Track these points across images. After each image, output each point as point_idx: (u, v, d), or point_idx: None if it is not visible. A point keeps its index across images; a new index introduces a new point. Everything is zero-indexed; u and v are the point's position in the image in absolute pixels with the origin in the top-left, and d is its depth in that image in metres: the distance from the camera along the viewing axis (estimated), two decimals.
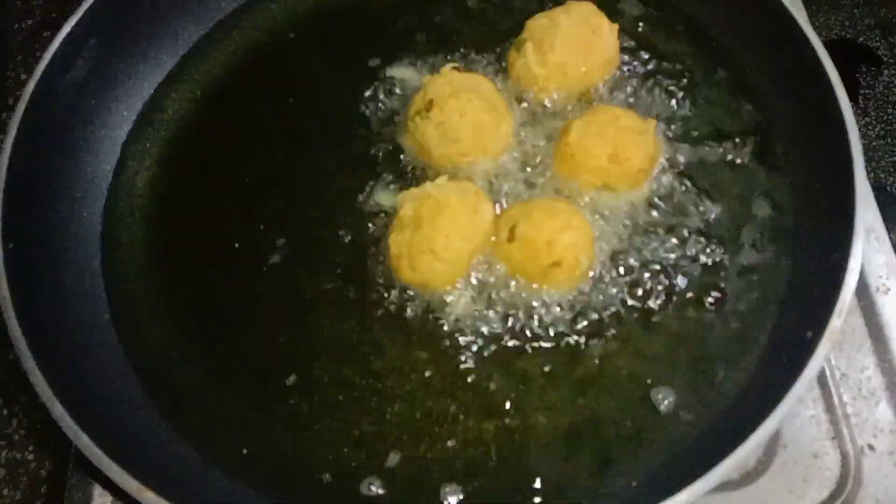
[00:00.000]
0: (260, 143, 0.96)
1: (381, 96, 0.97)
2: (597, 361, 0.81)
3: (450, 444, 0.78)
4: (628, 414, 0.79)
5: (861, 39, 1.17)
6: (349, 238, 0.88)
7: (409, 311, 0.84)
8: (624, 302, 0.83)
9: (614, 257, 0.85)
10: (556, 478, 0.76)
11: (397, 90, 0.98)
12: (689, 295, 0.83)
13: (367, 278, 0.86)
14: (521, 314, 0.83)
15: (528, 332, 0.82)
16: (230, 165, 0.95)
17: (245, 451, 0.79)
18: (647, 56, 0.98)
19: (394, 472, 0.77)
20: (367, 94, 0.98)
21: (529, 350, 0.81)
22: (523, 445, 0.78)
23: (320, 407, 0.80)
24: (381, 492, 0.76)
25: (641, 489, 0.74)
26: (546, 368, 0.80)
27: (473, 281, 0.84)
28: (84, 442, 0.70)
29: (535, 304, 0.83)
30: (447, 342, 0.82)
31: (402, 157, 0.93)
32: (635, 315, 0.83)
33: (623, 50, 0.97)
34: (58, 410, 0.71)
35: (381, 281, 0.85)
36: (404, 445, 0.78)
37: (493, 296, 0.83)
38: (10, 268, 0.78)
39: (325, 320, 0.84)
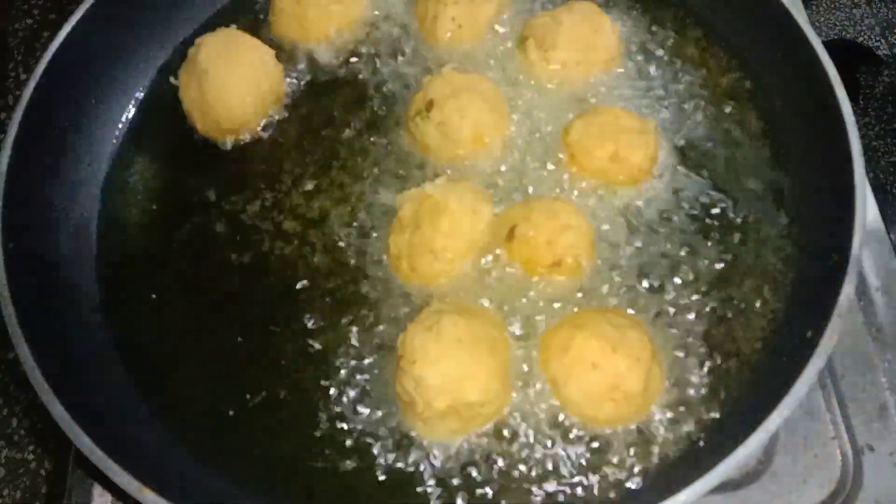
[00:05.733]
0: (259, 139, 0.96)
1: (383, 94, 0.98)
2: None
3: None
4: None
5: (861, 39, 1.17)
6: (349, 239, 0.88)
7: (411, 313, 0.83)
8: (623, 301, 0.83)
9: (614, 257, 0.85)
10: None
11: (402, 87, 0.98)
12: (689, 295, 0.83)
13: (367, 279, 0.86)
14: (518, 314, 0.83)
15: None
16: (229, 163, 0.95)
17: (244, 452, 0.79)
18: (647, 56, 0.98)
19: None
20: (369, 91, 0.98)
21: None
22: None
23: (320, 409, 0.80)
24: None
25: (642, 489, 0.74)
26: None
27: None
28: (84, 442, 0.70)
29: (533, 303, 0.83)
30: None
31: (402, 157, 0.93)
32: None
33: (624, 49, 0.97)
34: (58, 410, 0.71)
35: (380, 282, 0.85)
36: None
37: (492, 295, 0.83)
38: (10, 268, 0.78)
39: (325, 321, 0.84)
